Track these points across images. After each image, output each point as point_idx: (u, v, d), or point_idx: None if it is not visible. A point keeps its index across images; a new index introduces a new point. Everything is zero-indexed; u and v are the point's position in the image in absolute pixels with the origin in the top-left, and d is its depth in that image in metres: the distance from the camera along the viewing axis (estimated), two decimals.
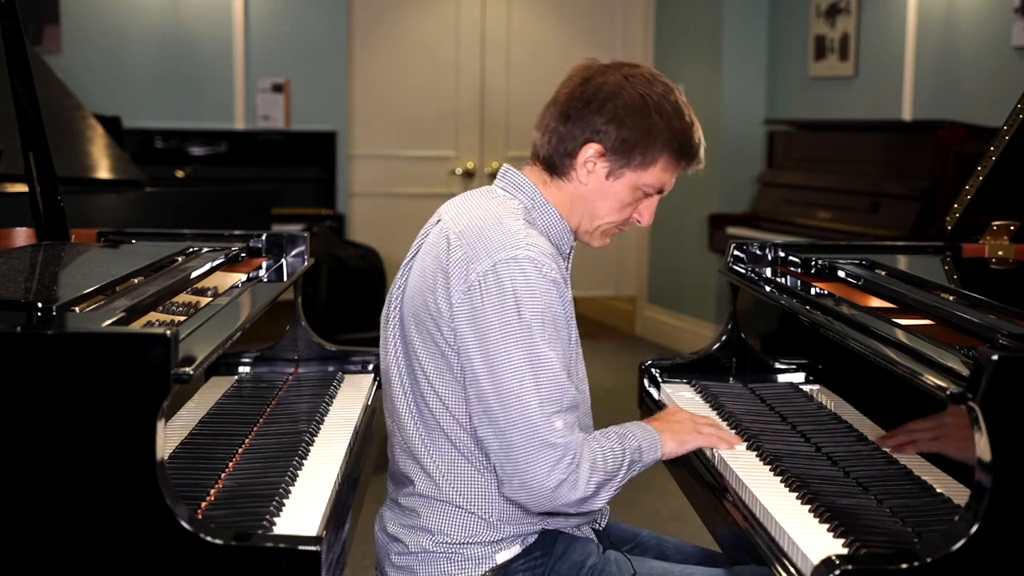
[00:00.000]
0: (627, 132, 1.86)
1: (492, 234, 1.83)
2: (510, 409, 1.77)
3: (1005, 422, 1.52)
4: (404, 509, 1.93)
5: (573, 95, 1.90)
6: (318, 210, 6.43)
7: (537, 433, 1.76)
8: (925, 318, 1.93)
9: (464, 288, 1.80)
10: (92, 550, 1.56)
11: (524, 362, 1.77)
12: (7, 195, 3.43)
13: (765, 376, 2.55)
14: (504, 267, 1.79)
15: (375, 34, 7.08)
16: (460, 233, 1.85)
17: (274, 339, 2.64)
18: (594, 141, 1.87)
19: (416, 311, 1.88)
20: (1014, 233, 2.55)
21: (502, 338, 1.77)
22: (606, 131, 1.86)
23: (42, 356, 1.54)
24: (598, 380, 6.17)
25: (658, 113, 1.87)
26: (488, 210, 1.89)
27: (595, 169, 1.89)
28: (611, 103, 1.86)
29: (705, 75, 6.65)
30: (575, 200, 1.93)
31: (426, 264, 1.88)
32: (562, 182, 1.92)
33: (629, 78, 1.88)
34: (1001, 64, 4.74)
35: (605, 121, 1.86)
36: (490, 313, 1.78)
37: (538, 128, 1.94)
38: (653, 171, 1.91)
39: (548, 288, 1.80)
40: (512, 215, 1.87)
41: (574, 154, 1.89)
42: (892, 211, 4.99)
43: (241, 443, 2.04)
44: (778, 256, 2.58)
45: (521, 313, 1.77)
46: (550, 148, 1.91)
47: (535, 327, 1.77)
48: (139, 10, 6.56)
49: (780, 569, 1.67)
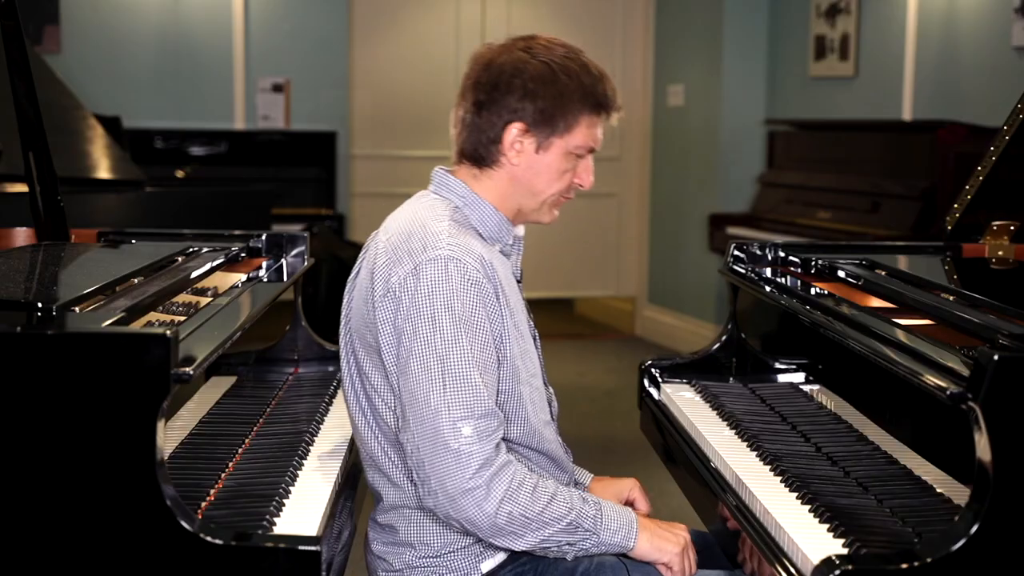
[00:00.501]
0: (543, 102, 1.85)
1: (415, 238, 1.83)
2: (418, 412, 1.75)
3: (1005, 422, 1.52)
4: (383, 527, 1.92)
5: (479, 83, 1.89)
6: (318, 210, 6.43)
7: (441, 437, 1.73)
8: (925, 318, 1.93)
9: (384, 292, 1.81)
10: (92, 550, 1.56)
11: (434, 365, 1.75)
12: (7, 195, 3.43)
13: (765, 376, 2.55)
14: (424, 269, 1.78)
15: (375, 34, 7.08)
16: (387, 240, 1.86)
17: (274, 339, 2.64)
18: (514, 120, 1.86)
19: (358, 325, 1.88)
20: (1014, 233, 2.55)
21: (414, 341, 1.76)
22: (523, 107, 1.85)
23: (42, 356, 1.54)
24: (598, 380, 6.18)
25: (566, 75, 1.86)
26: (415, 215, 1.88)
27: (523, 147, 1.88)
28: (519, 79, 1.85)
29: (705, 75, 6.65)
30: (511, 184, 1.91)
31: (363, 278, 1.89)
32: (493, 171, 1.91)
33: (529, 51, 1.88)
34: (1001, 64, 4.73)
35: (519, 98, 1.85)
36: (406, 316, 1.78)
37: (455, 127, 1.94)
38: (579, 131, 1.88)
39: (467, 289, 1.78)
40: (438, 217, 1.86)
41: (499, 139, 1.88)
42: (892, 211, 4.99)
43: (241, 443, 2.04)
44: (778, 256, 2.58)
45: (436, 316, 1.76)
46: (472, 142, 1.90)
47: (449, 330, 1.75)
48: (139, 10, 6.55)
49: (780, 569, 1.67)
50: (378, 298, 1.82)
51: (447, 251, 1.79)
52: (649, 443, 2.59)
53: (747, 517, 1.85)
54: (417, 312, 1.77)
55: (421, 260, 1.79)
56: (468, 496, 1.72)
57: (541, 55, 1.87)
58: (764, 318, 2.60)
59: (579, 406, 5.49)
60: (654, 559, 1.84)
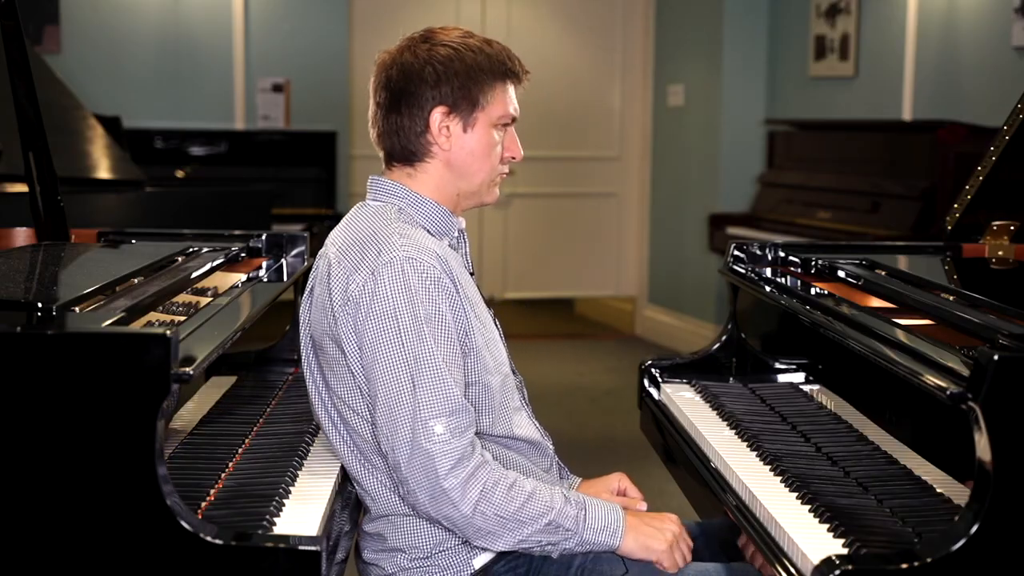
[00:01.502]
0: (457, 80, 1.89)
1: (367, 244, 1.83)
2: (390, 415, 1.76)
3: (1005, 422, 1.52)
4: (371, 536, 1.93)
5: (390, 85, 1.92)
6: (318, 210, 6.43)
7: (415, 438, 1.74)
8: (925, 318, 1.93)
9: (343, 301, 1.81)
10: (92, 550, 1.56)
11: (402, 367, 1.76)
12: (7, 195, 3.44)
13: (765, 376, 2.55)
14: (381, 273, 1.79)
15: (375, 34, 7.07)
16: (337, 251, 1.87)
17: (274, 339, 2.64)
18: (436, 106, 1.89)
19: (320, 340, 1.89)
20: (1014, 233, 2.55)
21: (379, 345, 1.77)
22: (439, 92, 1.89)
23: (42, 356, 1.54)
24: (598, 380, 6.18)
25: (470, 50, 1.91)
26: (361, 224, 1.90)
27: (451, 130, 1.90)
28: (428, 67, 1.89)
29: (705, 75, 6.65)
30: (447, 171, 1.93)
31: (319, 293, 1.89)
32: (426, 164, 1.93)
33: (427, 41, 1.93)
34: (1001, 64, 4.73)
35: (433, 85, 1.89)
36: (369, 321, 1.78)
37: (378, 136, 1.96)
38: (497, 101, 1.92)
39: (427, 287, 1.79)
40: (385, 221, 1.88)
41: (425, 129, 1.90)
42: (892, 211, 4.99)
43: (241, 443, 2.04)
44: (778, 256, 2.58)
45: (398, 317, 1.77)
46: (400, 141, 1.93)
47: (412, 331, 1.77)
48: (139, 10, 6.55)
49: (780, 569, 1.67)
50: (338, 308, 1.82)
51: (402, 252, 1.80)
52: (649, 443, 2.59)
53: (747, 517, 1.85)
54: (379, 316, 1.78)
55: (377, 264, 1.80)
56: (444, 496, 1.74)
57: (440, 41, 1.92)
58: (764, 318, 2.60)
59: (579, 406, 5.48)
60: (642, 557, 1.84)
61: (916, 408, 1.93)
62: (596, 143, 7.43)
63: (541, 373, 6.05)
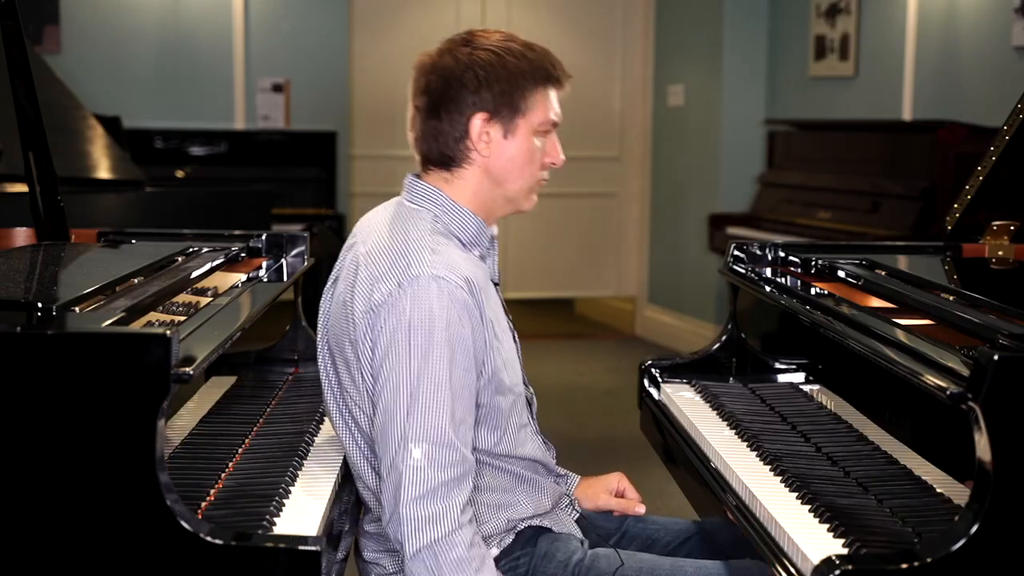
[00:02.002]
0: (498, 86, 1.85)
1: (398, 254, 1.80)
2: (384, 426, 1.75)
3: (1005, 422, 1.52)
4: (373, 535, 1.93)
5: (429, 89, 1.89)
6: (318, 210, 6.43)
7: (395, 456, 1.72)
8: (925, 318, 1.93)
9: (365, 308, 1.79)
10: (92, 550, 1.56)
11: (405, 387, 1.73)
12: (7, 195, 3.43)
13: (765, 376, 2.55)
14: (407, 287, 1.76)
15: (375, 34, 7.08)
16: (367, 254, 1.84)
17: (274, 339, 2.64)
18: (476, 112, 1.86)
19: (337, 340, 1.87)
20: (1014, 233, 2.55)
21: (392, 355, 1.75)
22: (480, 97, 1.85)
23: (42, 356, 1.54)
24: (598, 380, 6.18)
25: (511, 56, 1.87)
26: (395, 229, 1.87)
27: (491, 136, 1.87)
28: (469, 72, 1.85)
29: (705, 75, 6.65)
30: (485, 178, 1.90)
31: (341, 291, 1.87)
32: (464, 170, 1.90)
33: (468, 44, 1.88)
34: (1001, 64, 4.73)
35: (473, 90, 1.85)
36: (387, 331, 1.76)
37: (416, 140, 1.93)
38: (538, 107, 1.88)
39: (453, 309, 1.75)
40: (419, 230, 1.85)
41: (465, 135, 1.87)
42: (892, 211, 4.99)
43: (241, 443, 2.04)
44: (778, 256, 2.58)
45: (414, 334, 1.74)
46: (438, 146, 1.89)
47: (425, 350, 1.73)
48: (139, 10, 6.55)
49: (780, 569, 1.67)
50: (359, 314, 1.80)
51: (431, 269, 1.77)
52: (649, 443, 2.59)
53: (747, 517, 1.85)
54: (396, 329, 1.75)
55: (405, 277, 1.77)
56: (398, 521, 1.71)
57: (482, 44, 1.87)
58: (764, 318, 2.60)
59: (579, 406, 5.48)
60: None
61: (916, 408, 1.93)
62: (596, 143, 7.43)
63: (541, 373, 6.04)
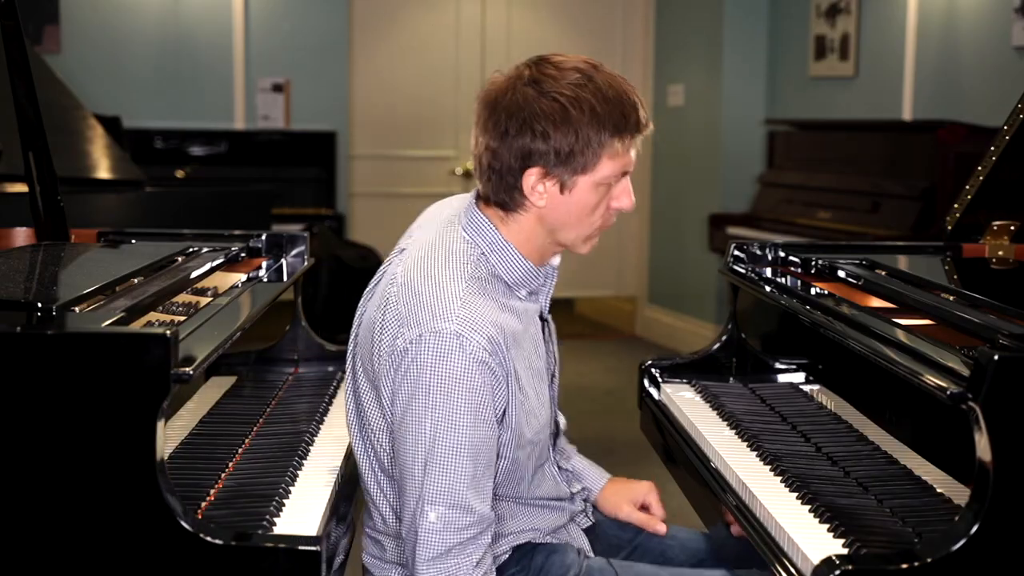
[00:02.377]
0: (558, 143, 1.71)
1: (427, 299, 1.72)
2: (404, 481, 1.73)
3: (1005, 422, 1.52)
4: (373, 540, 1.92)
5: (488, 126, 1.75)
6: (318, 210, 6.43)
7: (413, 515, 1.70)
8: (925, 318, 1.93)
9: (390, 351, 1.73)
10: (92, 550, 1.56)
11: (422, 445, 1.69)
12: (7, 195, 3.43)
13: (765, 376, 2.55)
14: (428, 340, 1.68)
15: (375, 34, 7.08)
16: (403, 284, 1.76)
17: (274, 339, 2.64)
18: (531, 166, 1.73)
19: (363, 351, 1.83)
20: (1014, 233, 2.55)
21: (410, 412, 1.70)
22: (537, 150, 1.72)
23: (42, 356, 1.54)
24: (598, 380, 6.18)
25: (579, 109, 1.71)
26: (438, 258, 1.78)
27: (547, 189, 1.75)
28: (530, 122, 1.71)
29: (705, 75, 6.65)
30: (539, 224, 1.80)
31: (374, 306, 1.81)
32: (519, 215, 1.79)
33: (536, 84, 1.73)
34: (1001, 64, 4.73)
35: (531, 140, 1.71)
36: (407, 384, 1.70)
37: (475, 170, 1.82)
38: (605, 163, 1.75)
39: (470, 369, 1.67)
40: (458, 271, 1.75)
41: (517, 186, 1.75)
42: (892, 211, 4.99)
43: (241, 443, 2.04)
44: (778, 256, 2.57)
45: (432, 393, 1.67)
46: (494, 187, 1.78)
47: (442, 409, 1.68)
48: (139, 10, 6.55)
49: (780, 569, 1.67)
50: (383, 353, 1.75)
51: (455, 325, 1.68)
52: (649, 443, 2.58)
53: (747, 517, 1.85)
54: (415, 384, 1.69)
55: (427, 329, 1.69)
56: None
57: (549, 88, 1.72)
58: (764, 318, 2.60)
59: (579, 406, 5.48)
60: None
61: (916, 408, 1.93)
62: None
63: None
